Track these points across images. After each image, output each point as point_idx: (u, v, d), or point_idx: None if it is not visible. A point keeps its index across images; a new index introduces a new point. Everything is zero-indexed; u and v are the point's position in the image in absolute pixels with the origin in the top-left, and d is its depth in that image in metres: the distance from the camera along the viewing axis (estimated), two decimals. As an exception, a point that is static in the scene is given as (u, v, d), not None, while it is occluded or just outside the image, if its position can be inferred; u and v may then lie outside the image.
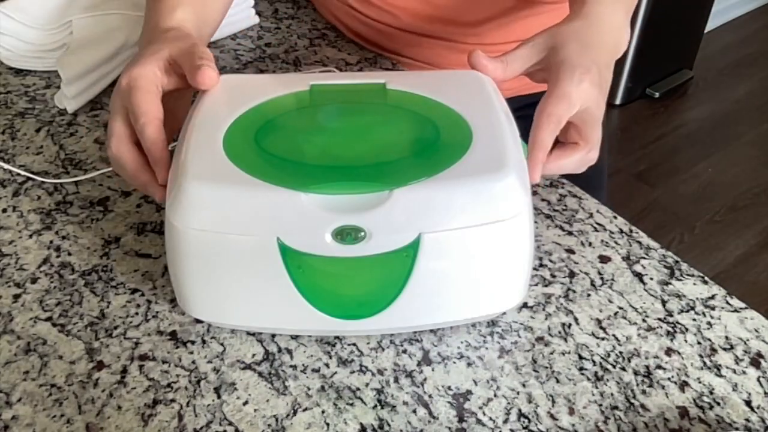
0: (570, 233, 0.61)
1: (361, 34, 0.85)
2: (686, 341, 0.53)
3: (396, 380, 0.49)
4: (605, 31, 0.56)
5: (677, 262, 0.59)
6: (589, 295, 0.56)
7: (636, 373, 0.50)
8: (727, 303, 0.56)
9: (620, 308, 0.55)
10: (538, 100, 0.51)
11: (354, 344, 0.52)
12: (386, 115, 0.54)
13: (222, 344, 0.52)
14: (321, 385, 0.49)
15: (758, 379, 0.50)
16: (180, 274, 0.49)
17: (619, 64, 2.32)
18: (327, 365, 0.50)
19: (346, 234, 0.45)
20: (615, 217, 0.63)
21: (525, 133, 0.51)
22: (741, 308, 0.55)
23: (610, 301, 0.55)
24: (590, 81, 0.51)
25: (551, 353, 0.51)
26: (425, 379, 0.50)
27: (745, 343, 0.53)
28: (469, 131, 0.49)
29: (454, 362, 0.51)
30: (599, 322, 0.54)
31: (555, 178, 0.66)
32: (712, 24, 2.67)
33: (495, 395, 0.49)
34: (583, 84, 0.51)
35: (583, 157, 0.54)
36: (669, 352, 0.52)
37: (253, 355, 0.51)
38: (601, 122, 0.54)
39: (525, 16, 0.78)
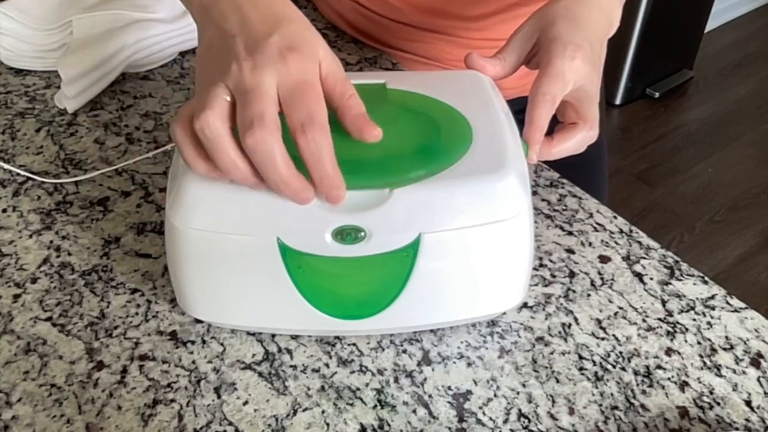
0: (570, 233, 0.61)
1: (364, 30, 0.85)
2: (686, 341, 0.53)
3: (396, 380, 0.49)
4: (595, 7, 0.56)
5: (677, 262, 0.59)
6: (589, 295, 0.56)
7: (636, 373, 0.50)
8: (727, 303, 0.56)
9: (620, 308, 0.55)
10: None
11: (354, 344, 0.52)
12: (386, 115, 0.54)
13: (222, 344, 0.52)
14: (321, 385, 0.49)
15: (758, 379, 0.50)
16: (180, 274, 0.49)
17: (619, 64, 2.32)
18: (327, 365, 0.50)
19: (346, 234, 0.45)
20: (615, 217, 0.63)
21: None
22: (741, 308, 0.55)
23: (610, 301, 0.55)
24: (582, 57, 0.51)
25: (551, 353, 0.51)
26: (425, 379, 0.50)
27: (745, 343, 0.53)
28: (470, 131, 0.49)
29: (454, 362, 0.51)
30: (599, 322, 0.54)
31: (555, 178, 0.66)
32: (712, 24, 2.67)
33: (495, 395, 0.49)
34: (576, 61, 0.51)
35: (584, 136, 0.54)
36: (669, 352, 0.52)
37: (253, 355, 0.51)
38: (598, 99, 0.54)
39: (530, 11, 0.78)
